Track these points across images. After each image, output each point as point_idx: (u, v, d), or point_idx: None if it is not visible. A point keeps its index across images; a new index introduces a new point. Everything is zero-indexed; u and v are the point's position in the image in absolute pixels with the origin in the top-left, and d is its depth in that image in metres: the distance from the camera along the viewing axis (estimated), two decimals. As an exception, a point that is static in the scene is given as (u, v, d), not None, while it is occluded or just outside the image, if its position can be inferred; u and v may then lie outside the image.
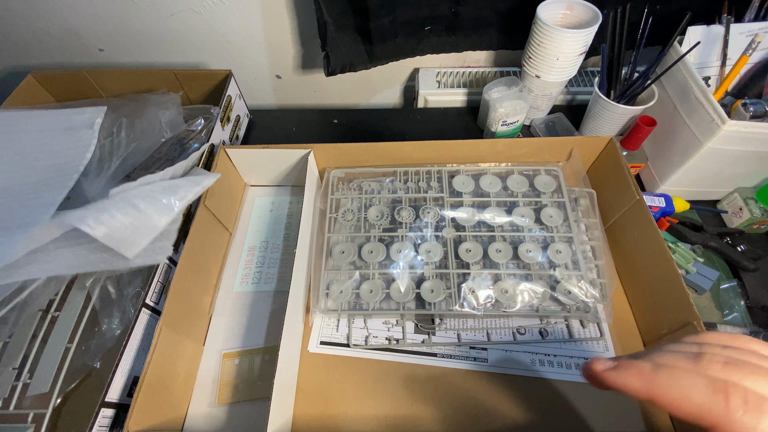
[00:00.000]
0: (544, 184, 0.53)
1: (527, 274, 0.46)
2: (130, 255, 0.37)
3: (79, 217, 0.34)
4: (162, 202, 0.39)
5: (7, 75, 0.74)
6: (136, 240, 0.37)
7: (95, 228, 0.34)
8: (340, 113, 0.74)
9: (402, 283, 0.46)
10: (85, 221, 0.34)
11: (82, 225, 0.33)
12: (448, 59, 0.72)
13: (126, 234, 0.36)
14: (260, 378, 0.44)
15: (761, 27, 0.52)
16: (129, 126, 0.53)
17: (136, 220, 0.37)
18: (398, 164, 0.55)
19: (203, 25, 0.66)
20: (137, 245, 0.37)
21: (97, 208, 0.35)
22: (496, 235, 0.49)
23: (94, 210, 0.35)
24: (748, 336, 0.21)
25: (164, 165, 0.55)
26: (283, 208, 0.58)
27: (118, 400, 0.37)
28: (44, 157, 0.49)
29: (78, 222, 0.33)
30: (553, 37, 0.54)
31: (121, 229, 0.36)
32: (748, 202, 0.54)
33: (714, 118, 0.46)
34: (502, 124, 0.61)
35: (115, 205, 0.36)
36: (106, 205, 0.36)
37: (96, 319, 0.43)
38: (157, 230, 0.39)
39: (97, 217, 0.34)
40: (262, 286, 0.50)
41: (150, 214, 0.38)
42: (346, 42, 0.62)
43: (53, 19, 0.65)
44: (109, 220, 0.35)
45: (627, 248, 0.48)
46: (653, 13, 0.52)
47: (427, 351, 0.44)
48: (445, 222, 0.50)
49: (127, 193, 0.38)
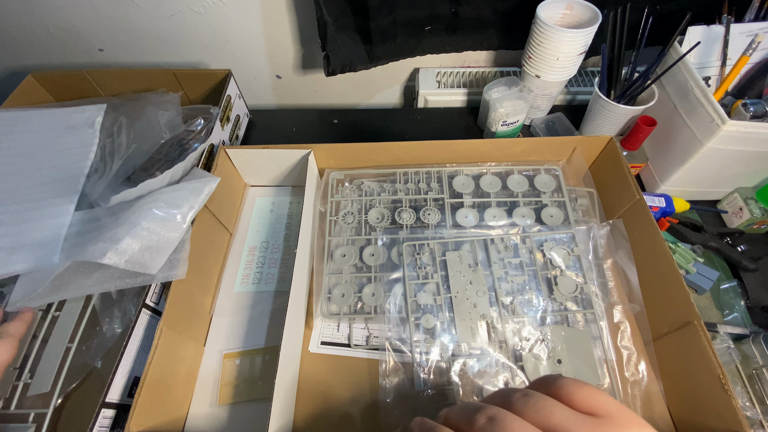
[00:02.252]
0: (544, 183, 0.53)
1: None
2: (154, 272, 0.39)
3: (99, 252, 0.36)
4: (170, 219, 0.41)
5: (7, 75, 0.74)
6: (155, 258, 0.39)
7: (117, 260, 0.36)
8: (340, 113, 0.74)
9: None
10: (105, 255, 0.36)
11: (104, 260, 0.36)
12: (448, 59, 0.72)
13: (146, 256, 0.38)
14: (261, 378, 0.44)
15: (761, 27, 0.52)
16: (129, 126, 0.53)
17: (152, 242, 0.39)
18: (398, 164, 0.55)
19: (203, 25, 0.66)
20: (158, 262, 0.39)
21: (112, 239, 0.37)
22: (495, 236, 0.49)
23: (110, 242, 0.37)
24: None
25: (164, 166, 0.55)
26: (283, 208, 0.58)
27: (119, 401, 0.37)
28: (47, 157, 0.49)
29: (99, 257, 0.36)
30: (553, 36, 0.54)
31: (140, 254, 0.38)
32: (748, 202, 0.54)
33: (714, 118, 0.46)
34: (502, 124, 0.61)
35: (128, 232, 0.38)
36: (119, 234, 0.37)
37: (96, 319, 0.43)
38: (171, 246, 0.40)
39: (115, 249, 0.36)
40: (262, 287, 0.50)
41: (162, 233, 0.40)
42: (346, 42, 0.62)
43: (53, 19, 0.65)
44: (127, 249, 0.37)
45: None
46: (653, 13, 0.52)
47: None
48: (446, 223, 0.50)
49: (135, 215, 0.39)
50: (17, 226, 0.44)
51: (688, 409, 0.39)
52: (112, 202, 0.44)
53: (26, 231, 0.43)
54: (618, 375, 0.42)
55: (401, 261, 0.47)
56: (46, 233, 0.43)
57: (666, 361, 0.42)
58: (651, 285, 0.45)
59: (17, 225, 0.44)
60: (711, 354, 0.36)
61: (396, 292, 0.46)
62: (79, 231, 0.44)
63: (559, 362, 0.42)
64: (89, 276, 0.40)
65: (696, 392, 0.38)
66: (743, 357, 0.44)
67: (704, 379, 0.37)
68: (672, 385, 0.41)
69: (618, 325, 0.45)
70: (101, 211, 0.45)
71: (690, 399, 0.39)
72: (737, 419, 0.33)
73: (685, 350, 0.39)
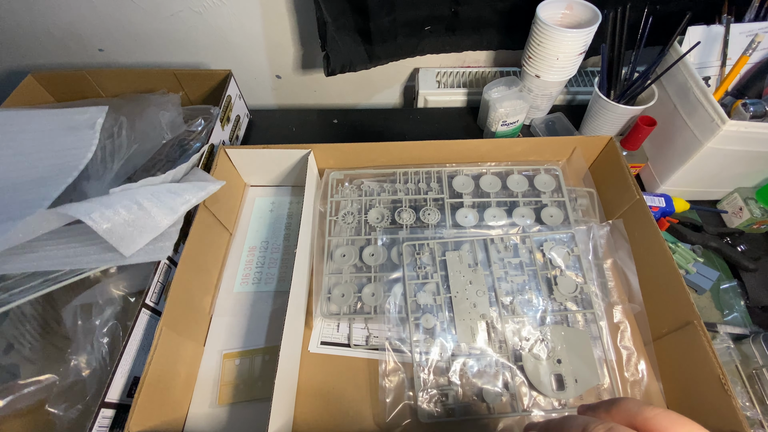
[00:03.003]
0: (544, 183, 0.53)
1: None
2: (127, 253, 0.37)
3: (84, 209, 0.34)
4: (166, 203, 0.39)
5: (7, 75, 0.74)
6: (136, 238, 0.37)
7: (99, 222, 0.34)
8: (340, 113, 0.74)
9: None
10: (89, 214, 0.33)
11: (86, 218, 0.33)
12: (448, 59, 0.72)
13: (127, 231, 0.36)
14: (261, 378, 0.44)
15: (761, 27, 0.52)
16: (129, 127, 0.53)
17: (140, 219, 0.37)
18: (398, 164, 0.55)
19: (203, 25, 0.66)
20: (137, 244, 0.37)
21: (103, 203, 0.35)
22: (495, 236, 0.49)
23: (100, 204, 0.35)
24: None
25: (165, 166, 0.55)
26: (283, 208, 0.58)
27: (118, 401, 0.37)
28: (46, 157, 0.49)
29: (83, 214, 0.33)
30: (552, 36, 0.54)
31: (123, 226, 0.36)
32: (748, 202, 0.54)
33: (714, 118, 0.46)
34: (502, 124, 0.61)
35: (120, 202, 0.36)
36: (111, 200, 0.36)
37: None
38: (158, 230, 0.39)
39: (102, 212, 0.34)
40: (262, 287, 0.50)
41: (153, 214, 0.38)
42: (346, 42, 0.62)
43: (53, 19, 0.65)
44: (113, 216, 0.35)
45: (627, 248, 0.48)
46: (653, 13, 0.52)
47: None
48: (446, 223, 0.50)
49: (132, 192, 0.38)
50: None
51: (688, 409, 0.39)
52: (111, 193, 0.43)
53: (4, 211, 0.41)
54: (618, 375, 0.42)
55: (401, 261, 0.47)
56: (24, 212, 0.39)
57: (666, 361, 0.42)
58: (651, 285, 0.44)
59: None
60: (711, 354, 0.36)
61: (396, 292, 0.46)
62: None
63: (559, 362, 0.42)
64: (56, 246, 0.37)
65: (696, 392, 0.38)
66: (743, 357, 0.44)
67: (704, 379, 0.37)
68: (672, 385, 0.41)
69: (618, 325, 0.45)
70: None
71: (690, 399, 0.39)
72: (737, 419, 0.33)
73: (685, 350, 0.39)
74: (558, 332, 0.43)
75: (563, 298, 0.45)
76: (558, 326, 0.44)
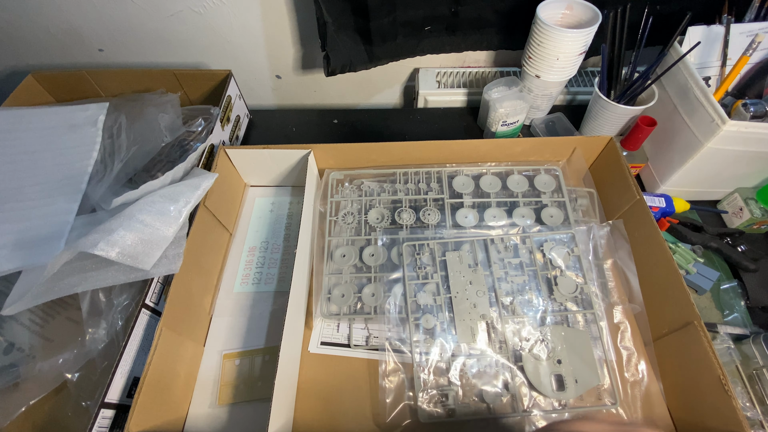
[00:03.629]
0: (544, 183, 0.53)
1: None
2: (147, 267, 0.38)
3: (91, 242, 0.35)
4: (166, 212, 0.40)
5: (7, 75, 0.74)
6: (149, 253, 0.38)
7: (107, 251, 0.35)
8: (340, 113, 0.74)
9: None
10: (95, 246, 0.35)
11: (95, 250, 0.34)
12: (448, 59, 0.72)
13: (138, 249, 0.37)
14: (261, 378, 0.44)
15: (761, 27, 0.52)
16: (129, 128, 0.53)
17: (145, 235, 0.38)
18: (398, 164, 0.55)
19: (203, 25, 0.66)
20: (152, 257, 0.38)
21: (105, 230, 0.36)
22: (495, 236, 0.49)
23: (103, 233, 0.36)
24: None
25: (165, 167, 0.55)
26: (283, 208, 0.58)
27: (118, 401, 0.37)
28: (50, 156, 0.49)
29: (89, 248, 0.34)
30: (552, 36, 0.54)
31: (132, 246, 0.37)
32: (748, 202, 0.54)
33: (714, 119, 0.46)
34: (502, 124, 0.61)
35: (122, 224, 0.37)
36: (113, 225, 0.37)
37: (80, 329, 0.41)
38: (166, 240, 0.40)
39: (107, 240, 0.35)
40: (262, 287, 0.50)
41: (157, 226, 0.39)
42: (346, 42, 0.62)
43: (53, 19, 0.65)
44: (120, 240, 0.36)
45: (627, 248, 0.48)
46: (653, 13, 0.52)
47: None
48: (446, 223, 0.50)
49: (130, 208, 0.39)
50: (20, 224, 0.43)
51: (688, 409, 0.39)
52: (114, 204, 0.43)
53: (29, 229, 0.43)
54: (618, 375, 0.42)
55: (401, 261, 0.47)
56: (48, 231, 0.43)
57: (666, 361, 0.42)
58: (651, 285, 0.44)
59: (20, 223, 0.43)
60: (711, 354, 0.36)
61: (396, 292, 0.46)
62: (81, 234, 0.43)
63: (558, 362, 0.42)
64: (84, 273, 0.39)
65: (696, 392, 0.38)
66: (743, 357, 0.44)
67: (704, 380, 0.37)
68: (672, 385, 0.41)
69: (618, 325, 0.45)
70: (103, 214, 0.45)
71: (690, 399, 0.39)
72: (737, 419, 0.33)
73: (686, 350, 0.39)
74: (558, 332, 0.43)
75: (563, 298, 0.45)
76: (558, 326, 0.44)
